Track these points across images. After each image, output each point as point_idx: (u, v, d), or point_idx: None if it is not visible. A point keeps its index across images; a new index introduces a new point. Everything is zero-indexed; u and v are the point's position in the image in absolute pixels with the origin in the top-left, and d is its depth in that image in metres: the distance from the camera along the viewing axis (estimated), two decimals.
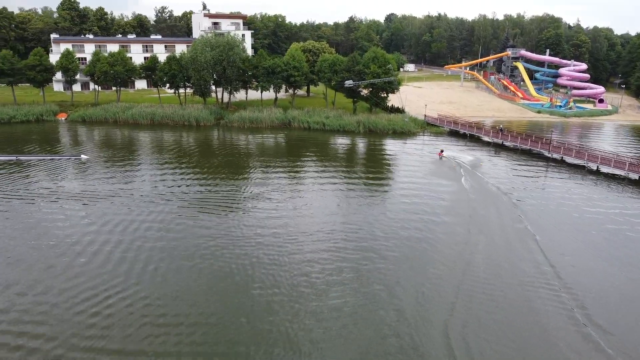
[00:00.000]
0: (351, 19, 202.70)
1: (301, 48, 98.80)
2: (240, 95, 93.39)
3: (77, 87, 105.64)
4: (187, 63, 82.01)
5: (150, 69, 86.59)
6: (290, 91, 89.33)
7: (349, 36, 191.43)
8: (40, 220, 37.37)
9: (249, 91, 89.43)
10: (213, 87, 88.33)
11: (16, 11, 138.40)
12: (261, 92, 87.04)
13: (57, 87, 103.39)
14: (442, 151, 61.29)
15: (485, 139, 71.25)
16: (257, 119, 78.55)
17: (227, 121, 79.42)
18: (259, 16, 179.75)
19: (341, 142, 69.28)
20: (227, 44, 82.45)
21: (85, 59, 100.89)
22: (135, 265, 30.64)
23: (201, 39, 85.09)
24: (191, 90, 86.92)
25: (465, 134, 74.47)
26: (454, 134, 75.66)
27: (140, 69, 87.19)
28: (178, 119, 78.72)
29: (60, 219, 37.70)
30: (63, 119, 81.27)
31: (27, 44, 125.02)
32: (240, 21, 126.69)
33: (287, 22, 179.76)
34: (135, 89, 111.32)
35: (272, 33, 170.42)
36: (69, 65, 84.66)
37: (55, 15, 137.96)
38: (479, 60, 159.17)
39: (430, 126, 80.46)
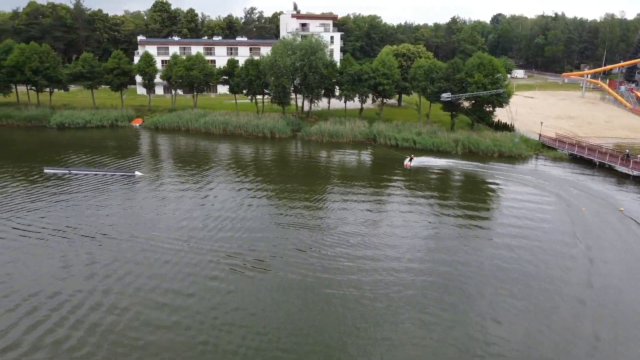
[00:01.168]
0: (453, 20, 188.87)
1: (394, 52, 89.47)
2: (322, 103, 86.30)
3: (160, 91, 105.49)
4: (265, 68, 76.38)
5: (229, 74, 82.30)
6: (378, 101, 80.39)
7: (450, 38, 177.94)
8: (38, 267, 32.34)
9: (332, 100, 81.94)
10: (293, 95, 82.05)
11: (120, 14, 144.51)
12: (345, 102, 79.07)
13: (141, 90, 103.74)
14: (411, 159, 57.29)
15: (622, 169, 56.88)
16: (337, 132, 70.62)
17: (304, 134, 72.41)
18: (352, 17, 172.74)
19: (434, 164, 59.10)
20: (310, 47, 75.61)
21: (167, 62, 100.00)
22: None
23: (282, 41, 79.14)
24: (269, 98, 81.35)
25: (592, 161, 60.50)
26: (578, 160, 61.88)
27: (218, 73, 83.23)
28: (252, 130, 73.13)
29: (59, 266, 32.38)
30: (137, 125, 79.37)
31: (119, 45, 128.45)
32: (330, 22, 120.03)
33: (382, 23, 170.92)
34: (218, 93, 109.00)
35: (366, 35, 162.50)
36: (146, 68, 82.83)
37: (147, 17, 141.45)
38: (610, 67, 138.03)
39: (546, 149, 67.18)
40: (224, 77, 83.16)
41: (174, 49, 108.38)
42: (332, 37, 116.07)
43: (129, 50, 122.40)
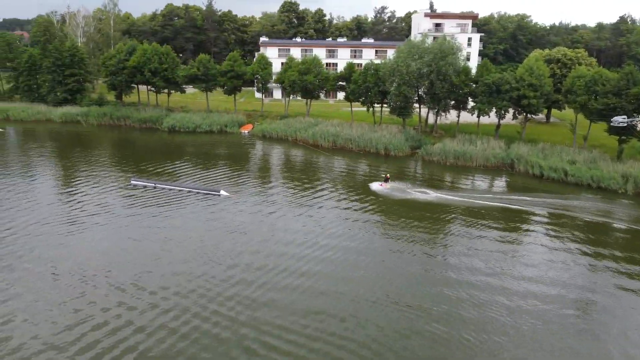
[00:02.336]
0: (622, 19, 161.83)
1: (545, 57, 75.19)
2: (451, 116, 75.48)
3: (278, 94, 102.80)
4: (385, 74, 68.03)
5: (346, 79, 75.47)
6: (521, 117, 67.36)
7: (617, 41, 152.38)
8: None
9: (463, 113, 70.80)
10: (416, 105, 72.58)
11: (258, 15, 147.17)
12: (478, 116, 67.50)
13: (260, 93, 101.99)
14: (387, 179, 49.18)
15: None
16: (465, 154, 59.66)
17: (424, 153, 62.58)
18: (495, 16, 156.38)
19: (593, 207, 45.63)
20: (440, 50, 65.54)
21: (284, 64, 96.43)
22: None
23: (407, 43, 70.04)
24: (388, 108, 72.88)
25: None
26: None
27: (334, 79, 76.80)
28: (364, 144, 65.24)
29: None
30: (246, 131, 76.23)
31: (245, 47, 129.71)
32: (469, 22, 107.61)
33: (532, 23, 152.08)
34: (337, 99, 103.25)
35: (511, 36, 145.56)
36: (260, 72, 79.45)
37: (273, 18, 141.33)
38: None
39: None
40: (341, 82, 76.54)
41: (295, 51, 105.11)
42: (469, 39, 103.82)
43: (254, 51, 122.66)
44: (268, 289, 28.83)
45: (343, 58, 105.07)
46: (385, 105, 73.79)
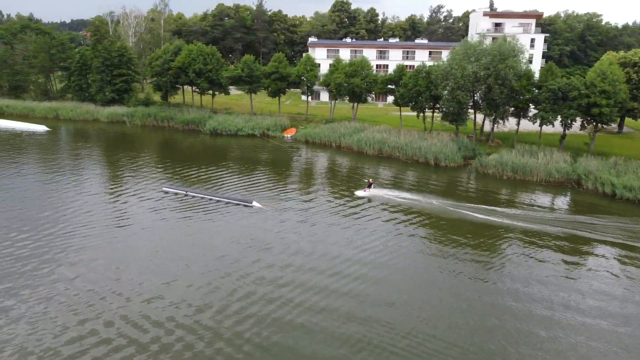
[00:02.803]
0: None
1: (619, 60, 68.06)
2: (510, 124, 69.85)
3: (326, 97, 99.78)
4: (438, 77, 63.46)
5: (395, 83, 71.37)
6: (590, 126, 60.92)
7: None
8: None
9: (523, 121, 65.07)
10: (471, 112, 67.53)
11: (309, 15, 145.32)
12: (540, 125, 61.66)
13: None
14: (370, 184, 47.50)
15: None
16: (525, 167, 54.20)
17: (479, 164, 57.54)
18: (562, 15, 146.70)
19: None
20: (499, 52, 60.28)
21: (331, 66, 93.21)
22: None
23: (463, 44, 65.03)
24: (440, 114, 68.22)
25: None
26: None
27: (382, 81, 72.79)
28: (412, 153, 60.94)
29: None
30: (289, 136, 73.58)
31: (294, 47, 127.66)
32: (532, 21, 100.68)
33: (602, 22, 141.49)
34: (387, 102, 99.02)
35: (579, 37, 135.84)
36: (306, 74, 76.60)
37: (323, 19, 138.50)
38: None
39: None
40: (390, 86, 72.48)
41: (344, 52, 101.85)
42: (532, 40, 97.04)
43: (303, 52, 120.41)
44: (303, 309, 25.84)
45: (394, 59, 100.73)
46: (436, 110, 69.15)
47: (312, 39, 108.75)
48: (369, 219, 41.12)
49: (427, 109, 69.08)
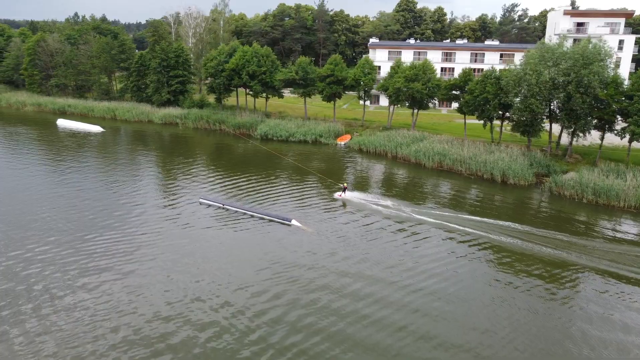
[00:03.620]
0: None
1: None
2: (592, 137, 62.03)
3: (385, 101, 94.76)
4: (509, 83, 57.04)
5: (460, 88, 65.42)
6: None
7: None
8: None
9: (608, 134, 57.24)
10: (546, 122, 60.42)
11: (372, 15, 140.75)
12: (630, 140, 53.79)
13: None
14: (345, 188, 46.25)
15: None
16: (609, 190, 46.84)
17: (554, 184, 50.67)
18: None
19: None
20: (582, 55, 53.07)
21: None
22: None
23: (539, 47, 58.13)
24: (509, 124, 61.63)
25: None
26: None
27: (446, 87, 66.94)
28: (476, 168, 54.95)
29: None
30: (342, 143, 69.42)
31: (355, 49, 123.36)
32: (621, 21, 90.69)
33: None
34: (451, 107, 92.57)
35: None
36: (362, 77, 72.06)
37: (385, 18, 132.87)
38: None
39: None
40: (454, 92, 66.58)
41: (407, 54, 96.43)
42: (620, 42, 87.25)
43: (364, 53, 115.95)
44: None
45: (461, 62, 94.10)
46: (506, 120, 62.59)
47: (372, 40, 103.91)
48: (421, 239, 36.31)
49: (495, 118, 62.68)
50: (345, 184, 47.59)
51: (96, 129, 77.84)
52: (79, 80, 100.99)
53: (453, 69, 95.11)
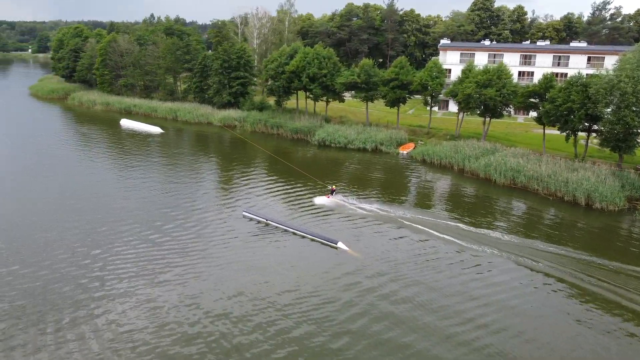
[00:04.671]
0: None
1: None
2: None
3: (454, 107, 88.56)
4: (599, 91, 49.94)
5: (540, 96, 58.68)
6: None
7: None
8: None
9: None
10: None
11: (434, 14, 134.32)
12: None
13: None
14: (333, 191, 45.00)
15: None
16: None
17: None
18: None
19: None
20: None
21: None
22: None
23: (636, 50, 50.46)
24: (597, 138, 54.29)
25: None
26: None
27: (524, 94, 60.28)
28: (556, 187, 48.35)
29: None
30: (405, 152, 64.64)
31: (426, 50, 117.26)
32: None
33: None
34: (528, 115, 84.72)
35: None
36: (429, 82, 66.79)
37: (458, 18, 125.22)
38: None
39: None
40: (532, 99, 59.86)
41: (481, 56, 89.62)
42: None
43: (434, 55, 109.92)
44: None
45: (542, 66, 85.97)
46: (593, 133, 55.27)
47: (443, 41, 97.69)
48: (486, 269, 31.25)
49: (580, 131, 55.51)
50: (333, 186, 46.21)
51: (156, 130, 77.97)
52: (146, 81, 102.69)
53: (532, 73, 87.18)
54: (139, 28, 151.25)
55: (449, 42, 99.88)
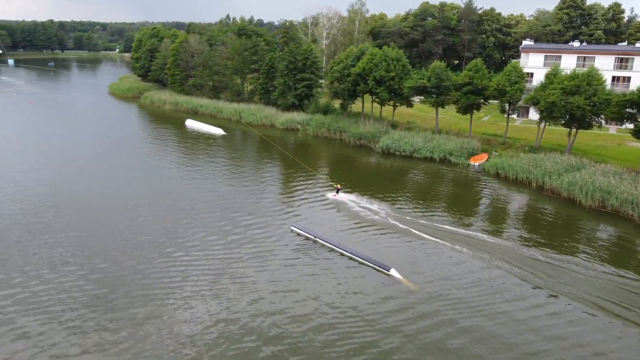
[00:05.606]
0: None
1: None
2: None
3: (535, 114, 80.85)
4: None
5: (638, 106, 51.04)
6: None
7: None
8: None
9: None
10: None
11: (517, 13, 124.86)
12: None
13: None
14: (339, 190, 46.06)
15: None
16: None
17: None
18: None
19: None
20: None
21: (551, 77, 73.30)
22: None
23: None
24: None
25: None
26: None
27: (619, 103, 52.75)
28: None
29: None
30: (476, 164, 59.02)
31: (506, 52, 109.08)
32: None
33: None
34: (622, 126, 75.52)
35: None
36: (507, 87, 60.49)
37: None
38: None
39: None
40: (629, 109, 52.25)
41: (568, 59, 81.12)
42: None
43: (515, 58, 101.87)
44: None
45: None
46: None
47: (526, 42, 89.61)
48: (564, 318, 26.06)
49: None
50: (339, 185, 47.54)
51: (218, 131, 77.24)
52: (214, 81, 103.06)
53: (629, 78, 77.62)
54: (214, 29, 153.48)
55: (532, 43, 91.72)
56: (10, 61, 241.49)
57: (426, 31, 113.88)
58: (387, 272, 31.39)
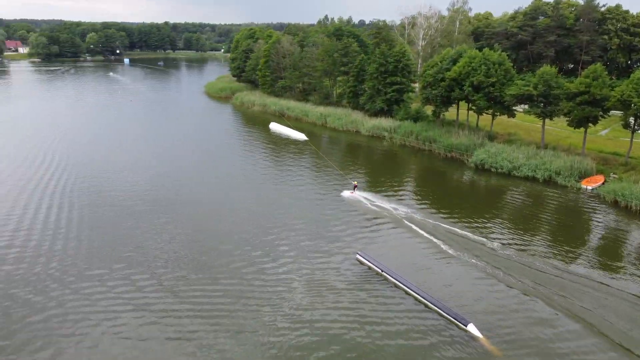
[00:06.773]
0: None
1: None
2: None
3: None
4: None
5: None
6: None
7: None
8: None
9: None
10: None
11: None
12: None
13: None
14: (355, 187, 47.23)
15: None
16: None
17: None
18: None
19: None
20: None
21: None
22: None
23: None
24: None
25: None
26: None
27: None
28: None
29: None
30: (590, 187, 49.93)
31: (632, 55, 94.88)
32: None
33: None
34: None
35: None
36: (632, 97, 50.53)
37: None
38: None
39: None
40: None
41: None
42: None
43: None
44: None
45: None
46: None
47: None
48: None
49: None
50: (355, 182, 48.54)
51: (301, 136, 74.10)
52: (303, 83, 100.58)
53: None
54: (310, 30, 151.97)
55: None
56: (126, 60, 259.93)
57: (537, 31, 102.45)
58: (465, 327, 25.49)
